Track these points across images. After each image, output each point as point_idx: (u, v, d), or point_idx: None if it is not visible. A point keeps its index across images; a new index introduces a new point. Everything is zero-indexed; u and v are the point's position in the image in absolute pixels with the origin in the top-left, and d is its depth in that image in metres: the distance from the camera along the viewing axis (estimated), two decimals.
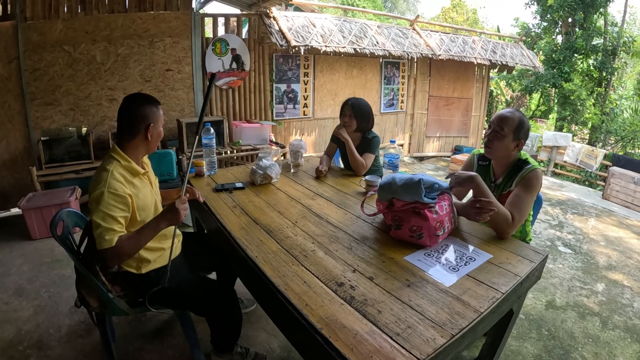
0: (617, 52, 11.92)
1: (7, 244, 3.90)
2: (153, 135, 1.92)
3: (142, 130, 1.87)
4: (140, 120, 1.87)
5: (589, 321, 2.96)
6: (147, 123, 1.87)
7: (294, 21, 6.03)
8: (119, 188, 1.75)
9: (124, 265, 1.88)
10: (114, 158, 1.83)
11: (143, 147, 1.93)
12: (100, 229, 1.69)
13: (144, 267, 1.91)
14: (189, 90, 5.51)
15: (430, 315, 1.30)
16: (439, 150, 8.93)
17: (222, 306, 1.99)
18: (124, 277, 1.90)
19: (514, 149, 2.10)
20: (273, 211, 2.21)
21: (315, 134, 7.17)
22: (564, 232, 4.76)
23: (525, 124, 2.09)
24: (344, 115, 3.09)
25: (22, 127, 4.61)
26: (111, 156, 1.84)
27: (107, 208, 1.71)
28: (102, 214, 1.70)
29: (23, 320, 2.72)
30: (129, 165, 1.86)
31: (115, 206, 1.73)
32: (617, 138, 11.86)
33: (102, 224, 1.69)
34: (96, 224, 1.70)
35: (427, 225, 1.71)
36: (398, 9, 28.71)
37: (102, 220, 1.70)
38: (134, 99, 1.90)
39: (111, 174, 1.76)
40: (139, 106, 1.88)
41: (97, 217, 1.70)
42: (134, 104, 1.88)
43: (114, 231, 1.71)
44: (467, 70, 8.55)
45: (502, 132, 2.09)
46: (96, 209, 1.70)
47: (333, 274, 1.54)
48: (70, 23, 4.63)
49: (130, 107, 1.87)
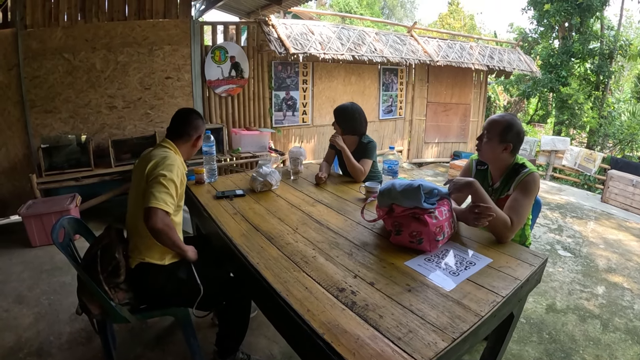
0: (613, 55, 11.98)
1: (7, 251, 3.90)
2: (198, 145, 2.24)
3: (194, 138, 2.19)
4: (195, 129, 2.18)
5: (589, 324, 2.97)
6: (199, 133, 2.21)
7: (292, 29, 6.07)
8: (181, 171, 2.01)
9: (146, 257, 1.95)
10: (171, 149, 2.10)
11: (186, 152, 2.21)
12: (165, 192, 1.86)
13: (167, 258, 2.00)
14: (188, 98, 5.52)
15: (431, 320, 1.31)
16: (437, 156, 8.96)
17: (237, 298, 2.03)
18: (142, 270, 1.95)
19: (502, 151, 2.12)
20: (273, 218, 2.21)
21: (314, 140, 7.19)
22: (564, 236, 4.77)
23: (514, 127, 2.10)
24: (333, 123, 3.17)
25: (21, 134, 4.62)
26: (167, 147, 2.11)
27: (176, 180, 1.92)
28: (171, 183, 1.89)
29: (23, 327, 2.71)
30: (182, 159, 2.12)
31: (177, 185, 1.94)
32: (615, 141, 11.90)
33: (170, 190, 1.88)
34: (161, 185, 1.86)
35: (427, 231, 1.72)
36: (395, 16, 28.84)
37: (169, 188, 1.88)
38: (193, 111, 2.25)
39: (176, 157, 2.04)
40: (198, 117, 2.22)
41: (165, 181, 1.87)
42: (193, 114, 2.22)
43: (173, 204, 1.90)
44: (465, 76, 8.59)
45: (488, 135, 2.13)
46: (166, 175, 1.88)
47: (334, 280, 1.55)
48: (70, 31, 4.65)
49: (190, 116, 2.20)
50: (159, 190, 1.83)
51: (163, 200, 1.82)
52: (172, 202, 1.87)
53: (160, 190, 1.83)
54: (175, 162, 1.96)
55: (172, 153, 2.04)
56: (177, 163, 1.97)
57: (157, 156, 1.96)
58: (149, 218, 1.79)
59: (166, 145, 2.10)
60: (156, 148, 2.08)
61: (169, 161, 1.93)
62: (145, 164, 1.95)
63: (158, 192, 1.82)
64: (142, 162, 2.01)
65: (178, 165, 1.97)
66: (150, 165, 1.92)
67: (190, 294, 1.96)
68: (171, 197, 1.87)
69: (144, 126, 5.27)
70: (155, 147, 2.10)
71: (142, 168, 1.95)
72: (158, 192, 1.82)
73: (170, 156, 1.98)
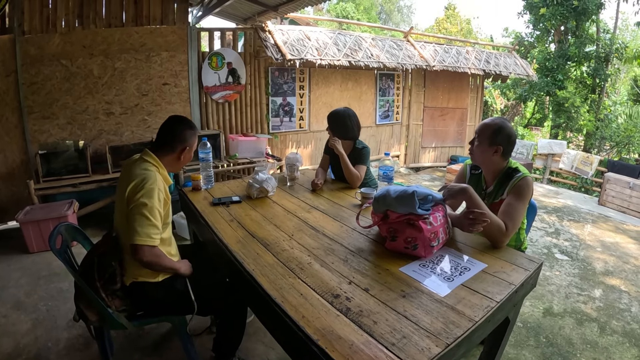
0: (609, 58, 12.00)
1: (4, 257, 3.90)
2: (185, 158, 2.10)
3: (179, 150, 2.05)
4: (180, 141, 2.04)
5: (586, 327, 2.98)
6: (184, 145, 2.05)
7: (289, 35, 6.09)
8: (163, 191, 1.93)
9: (139, 277, 1.93)
10: (152, 164, 1.98)
11: (171, 165, 2.08)
12: (148, 225, 1.80)
13: (160, 276, 1.97)
14: (185, 104, 5.54)
15: (425, 325, 1.32)
16: (434, 160, 8.98)
17: (234, 304, 2.03)
18: (137, 289, 1.94)
19: (492, 154, 2.14)
20: (269, 224, 2.22)
21: (311, 146, 7.20)
22: (561, 239, 4.79)
23: (504, 130, 2.12)
24: (327, 128, 3.18)
25: (19, 140, 4.63)
26: (148, 161, 1.98)
27: (158, 206, 1.85)
28: (153, 210, 1.82)
29: (21, 333, 2.72)
30: (164, 173, 2.03)
31: (160, 210, 1.87)
32: (612, 144, 11.91)
33: (152, 220, 1.82)
34: (144, 216, 1.80)
35: (422, 237, 1.73)
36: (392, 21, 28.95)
37: (152, 217, 1.82)
38: (182, 121, 2.09)
39: (157, 176, 1.92)
40: (185, 128, 2.06)
41: (146, 211, 1.81)
42: (180, 125, 2.07)
43: (159, 232, 1.86)
44: (462, 80, 8.63)
45: (479, 139, 2.16)
46: (147, 204, 1.81)
47: (329, 286, 1.56)
48: (67, 37, 4.68)
49: (175, 127, 2.06)
50: (141, 224, 1.79)
51: (147, 235, 1.79)
52: (156, 233, 1.84)
53: (143, 224, 1.80)
54: (155, 184, 1.87)
55: (153, 170, 1.93)
56: (157, 185, 1.88)
57: (137, 177, 1.87)
58: (135, 254, 1.80)
59: (148, 160, 1.98)
60: (136, 164, 1.96)
61: (149, 184, 1.84)
62: (125, 184, 1.88)
63: (141, 227, 1.79)
64: (122, 179, 1.96)
65: (158, 186, 1.89)
66: (130, 188, 1.84)
67: (185, 306, 1.97)
68: (155, 227, 1.83)
69: (142, 132, 5.29)
70: (135, 161, 1.99)
71: (123, 188, 1.89)
72: (141, 227, 1.79)
73: (150, 176, 1.87)
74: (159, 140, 2.05)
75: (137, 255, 1.79)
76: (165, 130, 2.06)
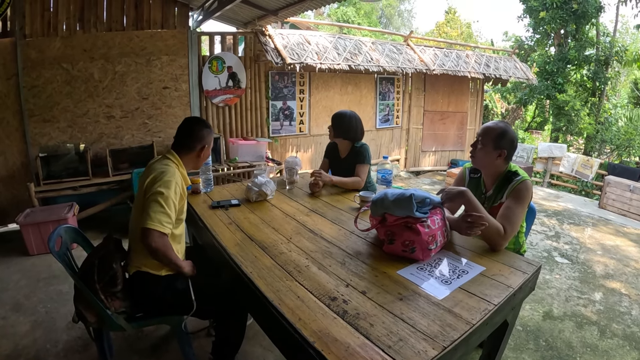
0: (609, 61, 12.02)
1: (4, 259, 3.91)
2: (204, 155, 2.22)
3: (198, 149, 2.16)
4: (199, 140, 2.16)
5: (587, 330, 2.97)
6: (203, 144, 2.17)
7: (289, 39, 6.11)
8: (180, 186, 2.01)
9: (142, 266, 1.96)
10: (174, 162, 2.09)
11: (192, 163, 2.20)
12: (162, 212, 1.86)
13: (164, 270, 1.99)
14: (185, 108, 5.56)
15: (421, 328, 1.32)
16: (435, 164, 8.98)
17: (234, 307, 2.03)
18: (138, 279, 1.97)
19: (496, 158, 2.14)
20: (268, 227, 2.22)
21: (311, 150, 7.21)
22: (561, 243, 4.78)
23: (508, 134, 2.13)
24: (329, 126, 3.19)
25: (20, 143, 4.65)
26: (170, 159, 2.09)
27: (174, 197, 1.92)
28: (168, 200, 1.89)
29: (20, 335, 2.72)
30: (183, 172, 2.12)
31: (175, 201, 1.94)
32: (613, 147, 11.91)
33: (166, 209, 1.87)
34: (158, 204, 1.87)
35: (420, 240, 1.74)
36: (393, 25, 28.99)
37: (167, 206, 1.88)
38: (198, 121, 2.22)
39: (176, 171, 2.02)
40: (202, 128, 2.18)
41: (162, 199, 1.88)
42: (197, 125, 2.19)
43: (171, 222, 1.91)
44: (462, 84, 8.64)
45: (482, 142, 2.16)
46: (163, 193, 1.89)
47: (326, 289, 1.56)
48: (68, 41, 4.70)
49: (193, 127, 2.17)
50: (155, 210, 1.85)
51: (159, 221, 1.84)
52: (168, 222, 1.88)
53: (157, 210, 1.85)
54: (174, 177, 1.96)
55: (172, 167, 2.02)
56: (175, 178, 1.96)
57: (156, 170, 1.97)
58: (144, 238, 1.83)
59: (169, 157, 2.10)
60: (158, 160, 2.08)
61: (167, 177, 1.93)
62: (145, 177, 1.98)
63: (154, 212, 1.84)
64: (144, 174, 2.03)
65: (176, 180, 1.97)
66: (149, 180, 1.93)
67: (184, 306, 1.97)
68: (167, 216, 1.88)
69: (142, 136, 5.30)
70: (158, 159, 2.10)
71: (143, 181, 1.98)
72: (154, 212, 1.84)
73: (169, 170, 1.97)
74: (178, 141, 2.16)
75: (146, 240, 1.82)
76: (183, 131, 2.16)
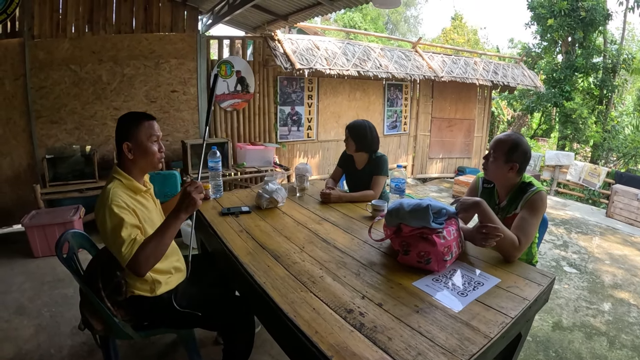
0: (617, 69, 12.01)
1: (8, 261, 3.90)
2: (135, 153, 1.85)
3: (121, 148, 1.85)
4: (118, 139, 1.86)
5: (596, 341, 2.94)
6: (122, 142, 1.84)
7: (298, 44, 6.12)
8: (122, 202, 1.72)
9: (135, 290, 1.86)
10: (115, 177, 1.84)
11: (135, 166, 1.88)
12: (117, 245, 1.64)
13: (157, 289, 1.89)
14: (193, 112, 5.56)
15: (440, 342, 1.29)
16: (442, 171, 8.96)
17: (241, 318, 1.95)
18: (135, 302, 1.88)
19: (508, 171, 2.12)
20: (280, 236, 2.20)
21: (319, 156, 7.20)
22: (569, 252, 4.75)
23: (520, 146, 2.10)
24: (345, 139, 3.12)
25: (26, 144, 4.66)
26: (112, 176, 1.85)
27: (116, 220, 1.66)
28: (113, 228, 1.65)
29: (24, 339, 2.70)
30: (130, 183, 1.85)
31: (122, 215, 1.68)
32: (619, 155, 11.88)
33: (117, 238, 1.64)
34: (112, 241, 1.66)
35: (435, 251, 1.71)
36: (399, 31, 29.03)
37: (115, 235, 1.64)
38: (120, 117, 1.90)
39: (113, 192, 1.73)
40: (118, 125, 1.88)
41: (111, 235, 1.65)
42: (116, 126, 1.88)
43: (130, 239, 1.65)
44: (469, 91, 8.63)
45: (494, 155, 2.13)
46: (105, 228, 1.66)
47: (342, 301, 1.53)
48: (77, 42, 4.71)
49: (116, 129, 1.89)
50: (116, 246, 1.65)
51: (129, 248, 1.63)
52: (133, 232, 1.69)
53: (117, 244, 1.64)
54: (108, 200, 1.70)
55: (109, 188, 1.77)
56: (110, 200, 1.70)
57: (100, 202, 1.75)
58: (135, 272, 1.67)
59: (110, 178, 1.85)
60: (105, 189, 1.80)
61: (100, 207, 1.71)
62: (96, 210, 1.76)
63: (117, 249, 1.65)
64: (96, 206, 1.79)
65: (113, 200, 1.70)
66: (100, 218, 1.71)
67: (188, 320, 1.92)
68: (125, 231, 1.65)
69: None
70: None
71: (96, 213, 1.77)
72: (117, 249, 1.65)
73: (102, 196, 1.75)
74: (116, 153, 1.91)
75: (139, 273, 1.67)
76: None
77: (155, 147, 1.90)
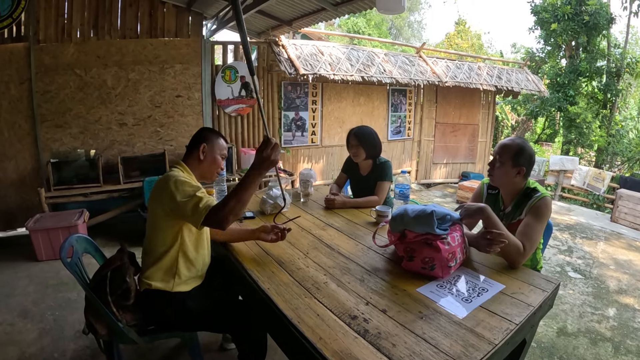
0: (621, 73, 11.97)
1: (12, 264, 3.91)
2: (206, 157, 2.04)
3: (196, 149, 2.02)
4: (196, 141, 2.04)
5: (601, 347, 2.92)
6: (201, 142, 2.02)
7: (302, 49, 6.12)
8: (187, 178, 1.87)
9: (153, 282, 1.89)
10: (177, 167, 2.00)
11: (198, 168, 2.05)
12: (192, 202, 1.73)
13: (175, 285, 1.92)
14: (198, 117, 5.57)
15: (444, 349, 1.29)
16: (446, 176, 8.93)
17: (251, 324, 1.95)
18: (149, 297, 1.90)
19: (515, 175, 2.11)
20: (284, 242, 2.19)
21: (323, 161, 7.20)
22: (574, 257, 4.72)
23: (526, 151, 2.10)
24: (351, 147, 3.04)
25: (31, 148, 4.67)
26: (177, 167, 2.00)
27: (186, 186, 1.80)
28: (184, 192, 1.77)
29: (27, 342, 2.70)
30: (190, 176, 1.98)
31: (193, 183, 1.86)
32: (624, 159, 11.83)
33: (191, 198, 1.74)
34: (183, 203, 1.74)
35: (440, 257, 1.71)
36: (403, 36, 29.03)
37: (187, 196, 1.75)
38: (202, 128, 2.13)
39: (177, 173, 1.90)
40: (200, 131, 2.10)
41: (181, 197, 1.76)
42: (200, 130, 2.11)
43: (206, 197, 1.76)
44: (473, 96, 8.61)
45: (500, 160, 2.12)
46: (175, 197, 1.76)
47: (346, 307, 1.53)
48: (82, 47, 4.74)
49: (196, 133, 2.09)
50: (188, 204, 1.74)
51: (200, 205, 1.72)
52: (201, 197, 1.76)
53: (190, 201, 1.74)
54: (178, 176, 1.84)
55: (176, 171, 1.94)
56: (180, 177, 1.85)
57: (161, 181, 1.88)
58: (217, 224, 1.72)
59: (175, 166, 2.01)
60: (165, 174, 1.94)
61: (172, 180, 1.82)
62: (155, 193, 1.90)
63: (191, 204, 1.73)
64: (154, 192, 1.93)
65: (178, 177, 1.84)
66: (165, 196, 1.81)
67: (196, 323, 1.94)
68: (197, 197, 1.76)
69: (154, 144, 5.31)
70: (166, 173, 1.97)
71: (153, 198, 1.91)
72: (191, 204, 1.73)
73: (172, 174, 1.87)
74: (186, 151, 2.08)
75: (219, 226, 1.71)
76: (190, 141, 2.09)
77: (221, 162, 2.12)
